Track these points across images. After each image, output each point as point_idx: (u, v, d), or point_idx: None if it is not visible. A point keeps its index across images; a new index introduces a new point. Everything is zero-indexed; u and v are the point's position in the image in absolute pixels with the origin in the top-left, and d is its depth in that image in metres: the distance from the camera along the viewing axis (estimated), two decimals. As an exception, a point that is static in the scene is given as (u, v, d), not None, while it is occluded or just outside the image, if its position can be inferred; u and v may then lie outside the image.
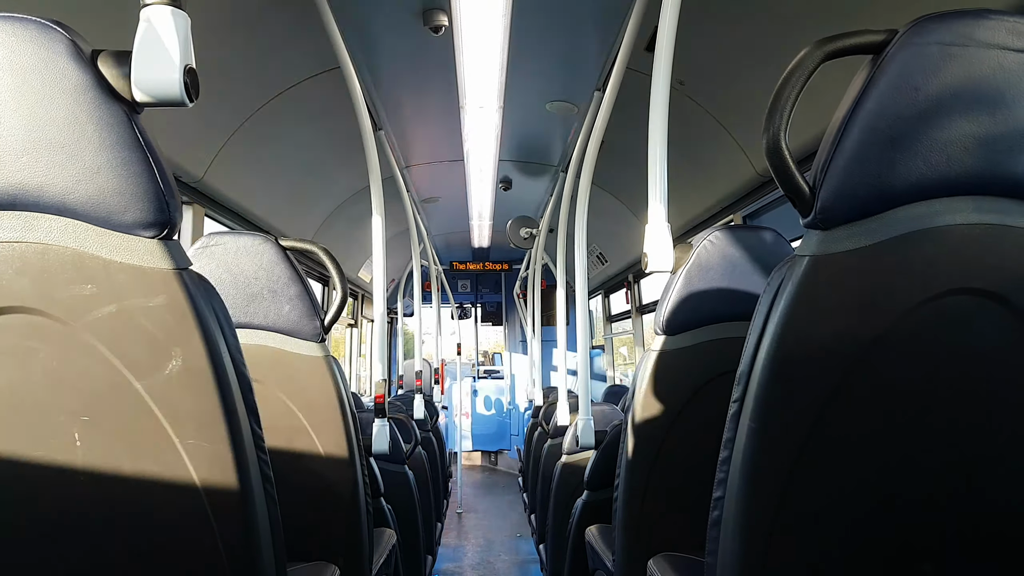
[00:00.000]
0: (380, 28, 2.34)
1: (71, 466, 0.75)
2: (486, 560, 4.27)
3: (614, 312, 5.86)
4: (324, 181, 3.55)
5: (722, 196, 2.83)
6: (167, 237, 0.78)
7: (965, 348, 0.80)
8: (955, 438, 0.81)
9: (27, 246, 0.74)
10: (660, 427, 1.48)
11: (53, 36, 0.72)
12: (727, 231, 1.48)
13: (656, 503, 1.50)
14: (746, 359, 0.86)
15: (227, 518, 0.80)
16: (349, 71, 1.98)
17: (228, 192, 2.64)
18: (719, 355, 1.44)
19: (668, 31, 1.27)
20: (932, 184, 0.79)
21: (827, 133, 0.81)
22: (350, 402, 1.52)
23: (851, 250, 0.80)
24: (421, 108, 3.15)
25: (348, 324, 5.66)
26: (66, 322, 0.73)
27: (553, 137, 3.57)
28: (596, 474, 2.15)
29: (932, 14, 0.78)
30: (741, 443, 0.85)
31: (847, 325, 0.80)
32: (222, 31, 1.99)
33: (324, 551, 1.48)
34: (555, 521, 2.78)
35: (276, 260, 1.47)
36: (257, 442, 0.85)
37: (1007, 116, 0.77)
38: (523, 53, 2.50)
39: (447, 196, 4.72)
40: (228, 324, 0.83)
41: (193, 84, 0.76)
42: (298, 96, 2.57)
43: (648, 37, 2.22)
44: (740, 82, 2.24)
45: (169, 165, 0.78)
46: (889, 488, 0.82)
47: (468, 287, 7.96)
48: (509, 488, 6.67)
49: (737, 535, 0.86)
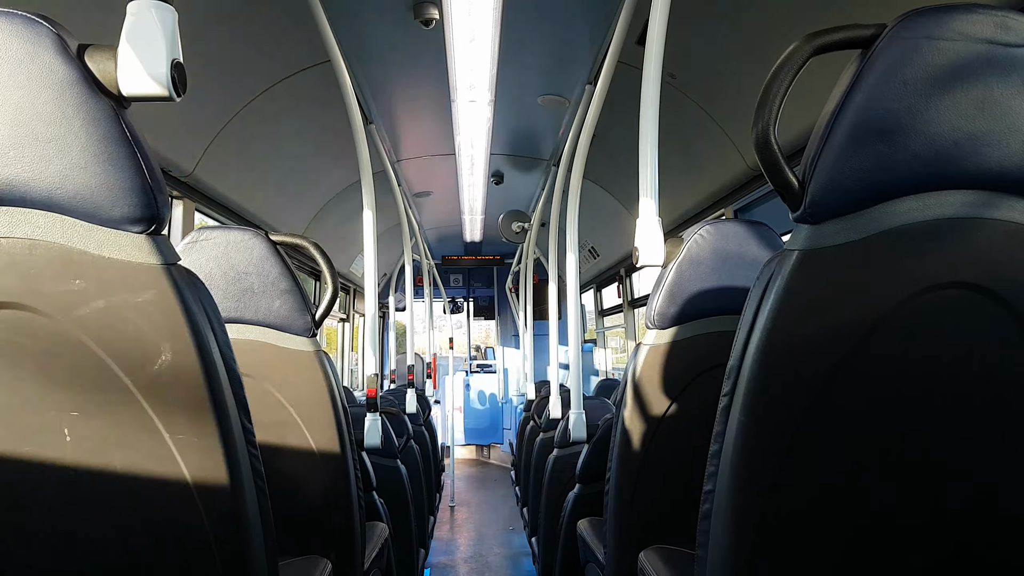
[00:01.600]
0: (371, 21, 2.33)
1: (61, 461, 0.75)
2: (478, 553, 4.28)
3: (606, 306, 5.87)
4: (315, 175, 3.53)
5: (713, 190, 2.84)
6: (155, 232, 0.78)
7: (955, 341, 0.81)
8: (944, 431, 0.82)
9: (15, 241, 0.73)
10: (651, 421, 1.48)
11: (39, 30, 0.71)
12: (718, 225, 1.48)
13: (647, 496, 1.51)
14: (736, 353, 0.87)
15: (217, 513, 0.80)
16: (340, 65, 1.97)
17: (218, 186, 2.62)
18: (710, 349, 1.45)
19: (659, 24, 1.27)
20: (921, 178, 0.79)
21: (816, 127, 0.81)
22: (341, 396, 1.52)
23: (840, 244, 0.80)
24: (412, 102, 3.14)
25: (340, 319, 5.65)
26: (54, 318, 0.73)
27: (545, 131, 3.56)
28: (588, 467, 2.16)
29: (921, 8, 0.78)
30: (731, 437, 0.85)
31: (836, 319, 0.80)
32: (211, 24, 1.98)
33: (316, 545, 1.48)
34: (547, 514, 2.79)
35: (266, 255, 1.46)
36: (248, 437, 0.85)
37: (995, 110, 0.77)
38: (514, 46, 2.50)
39: (439, 190, 4.71)
40: (217, 319, 0.83)
41: (180, 78, 0.76)
42: (288, 90, 2.56)
43: (639, 30, 2.22)
44: (731, 76, 2.25)
45: (158, 160, 0.77)
46: (878, 481, 0.83)
47: (460, 281, 7.96)
48: (501, 482, 6.68)
49: (727, 528, 0.86)
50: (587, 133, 2.09)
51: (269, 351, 1.47)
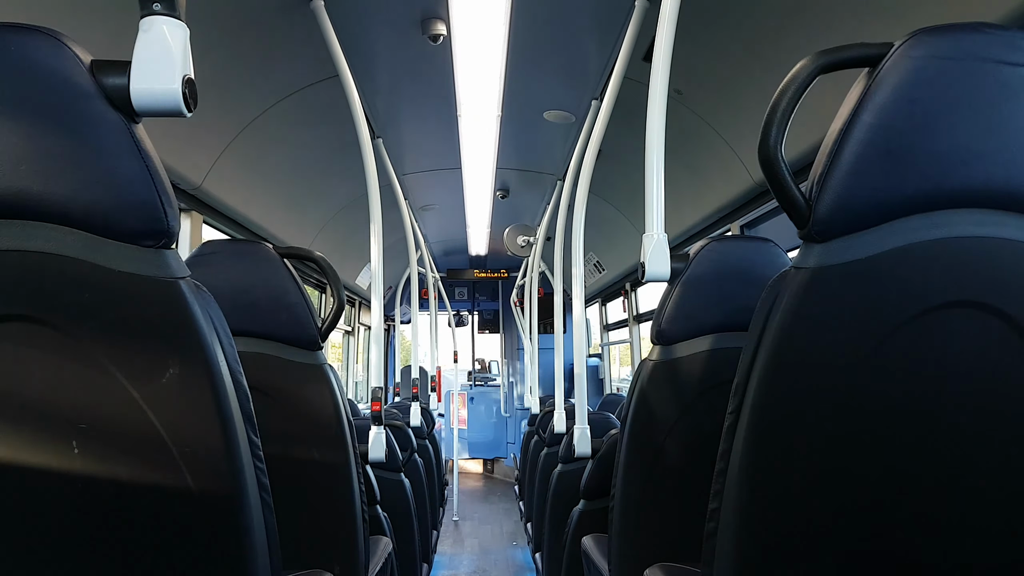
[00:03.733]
0: (378, 37, 2.35)
1: (68, 473, 0.75)
2: (482, 568, 4.25)
3: (611, 320, 5.86)
4: (322, 189, 3.55)
5: (719, 206, 2.84)
6: (165, 246, 0.78)
7: (963, 361, 0.80)
8: (953, 451, 0.81)
9: (26, 255, 0.73)
10: (656, 437, 1.47)
11: (52, 45, 0.72)
12: (724, 241, 1.48)
13: (652, 513, 1.50)
14: (742, 370, 0.86)
15: (223, 525, 0.79)
16: (347, 79, 1.99)
17: (226, 199, 2.64)
18: (716, 366, 1.44)
19: (665, 41, 1.28)
20: (929, 197, 0.79)
21: (823, 145, 0.81)
22: (347, 410, 1.52)
23: (847, 262, 0.80)
24: (419, 116, 3.16)
25: (344, 331, 5.65)
26: (64, 330, 0.73)
27: (551, 146, 3.58)
28: (592, 483, 2.15)
29: (929, 27, 0.78)
30: (737, 455, 0.85)
31: (844, 337, 0.80)
32: (221, 39, 2.00)
33: (320, 559, 1.47)
34: (551, 530, 2.77)
35: (273, 268, 1.47)
36: (254, 450, 0.85)
37: (1003, 129, 0.77)
38: (521, 62, 2.51)
39: (444, 204, 4.72)
40: (225, 332, 0.83)
41: (191, 94, 0.77)
42: (296, 104, 2.58)
43: (646, 47, 2.23)
44: (737, 92, 2.26)
45: (167, 173, 0.78)
46: (887, 501, 0.82)
47: (465, 295, 7.96)
48: (505, 496, 6.65)
49: (733, 547, 0.85)
50: (593, 148, 2.09)
51: (275, 364, 1.47)
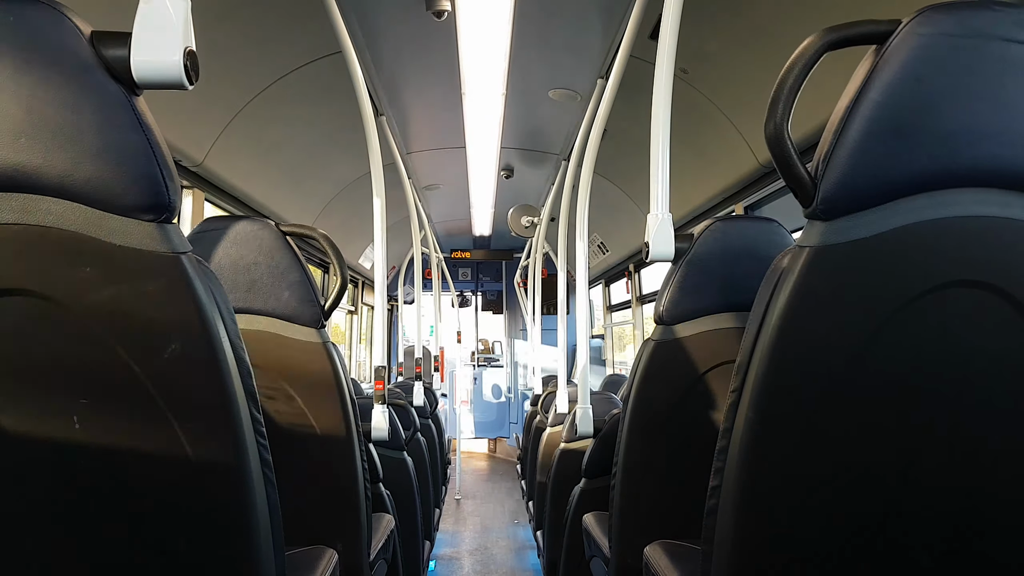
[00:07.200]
0: (382, 12, 2.33)
1: (69, 448, 0.75)
2: (483, 546, 4.30)
3: (615, 301, 5.86)
4: (325, 167, 3.54)
5: (724, 186, 2.82)
6: (166, 220, 0.78)
7: (965, 340, 0.80)
8: (955, 429, 0.81)
9: (26, 228, 0.73)
10: (658, 416, 1.48)
11: (52, 16, 0.71)
12: (728, 221, 1.47)
13: (653, 491, 1.51)
14: (745, 349, 0.86)
15: (225, 502, 0.80)
16: (351, 56, 1.97)
17: (228, 177, 2.63)
18: (718, 345, 1.44)
19: (672, 19, 1.27)
20: (934, 176, 0.79)
21: (829, 123, 0.80)
22: (349, 388, 1.53)
23: (852, 241, 0.80)
24: (423, 94, 3.13)
25: (348, 311, 5.66)
26: (65, 305, 0.73)
27: (555, 125, 3.55)
28: (594, 462, 2.16)
29: (937, 4, 0.77)
30: (739, 433, 0.85)
31: (847, 316, 0.80)
32: (223, 13, 1.98)
33: (323, 535, 1.49)
34: (553, 508, 2.80)
35: (276, 245, 1.46)
36: (256, 427, 0.85)
37: (1010, 109, 0.77)
38: (526, 39, 2.49)
39: (448, 183, 4.70)
40: (227, 309, 0.83)
41: (193, 67, 0.76)
42: (299, 80, 2.56)
43: (652, 25, 2.20)
44: (743, 71, 2.23)
45: (169, 149, 0.77)
46: (887, 479, 0.82)
47: (469, 275, 7.96)
48: (507, 475, 6.70)
49: (733, 524, 0.86)
50: (598, 128, 2.08)
51: (277, 342, 1.47)
